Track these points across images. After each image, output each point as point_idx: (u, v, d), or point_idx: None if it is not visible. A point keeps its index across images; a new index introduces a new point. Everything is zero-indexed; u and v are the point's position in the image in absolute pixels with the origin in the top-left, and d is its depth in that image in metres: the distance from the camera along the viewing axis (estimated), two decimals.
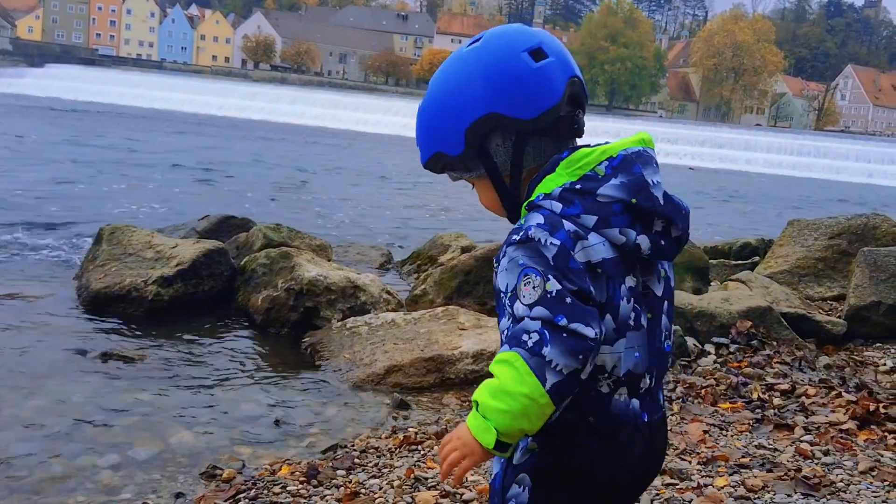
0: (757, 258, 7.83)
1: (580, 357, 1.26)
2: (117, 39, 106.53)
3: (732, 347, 5.04)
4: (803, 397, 4.20)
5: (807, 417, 3.92)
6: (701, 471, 3.21)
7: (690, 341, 5.00)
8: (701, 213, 18.18)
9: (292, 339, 5.40)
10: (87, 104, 42.84)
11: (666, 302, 1.47)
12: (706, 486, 3.04)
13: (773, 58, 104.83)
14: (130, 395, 4.14)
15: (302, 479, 3.14)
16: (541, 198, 1.39)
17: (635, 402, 1.41)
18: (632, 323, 1.39)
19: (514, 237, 1.35)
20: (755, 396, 4.21)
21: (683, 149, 47.18)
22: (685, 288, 6.20)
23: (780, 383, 4.42)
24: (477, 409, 1.32)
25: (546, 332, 1.27)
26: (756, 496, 2.96)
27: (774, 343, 5.09)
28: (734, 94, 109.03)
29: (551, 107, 1.41)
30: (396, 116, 48.99)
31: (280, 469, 3.29)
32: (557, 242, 1.31)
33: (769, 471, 3.21)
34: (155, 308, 5.52)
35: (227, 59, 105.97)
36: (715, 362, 4.79)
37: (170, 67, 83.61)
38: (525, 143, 1.45)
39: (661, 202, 1.38)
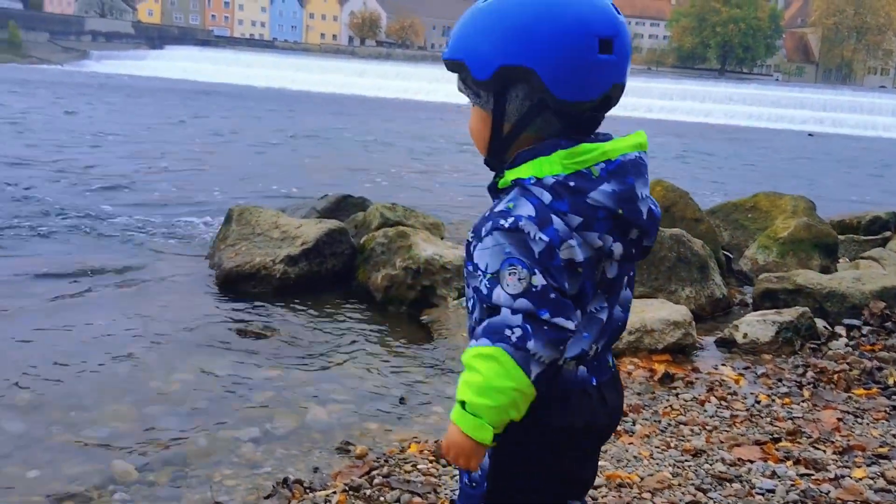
0: (889, 233, 7.46)
1: (560, 348, 1.37)
2: (231, 20, 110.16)
3: (865, 330, 4.85)
4: None
5: None
6: (837, 461, 3.12)
7: (820, 323, 4.84)
8: (823, 183, 17.32)
9: (411, 317, 5.54)
10: (205, 84, 44.57)
11: (625, 276, 1.53)
12: (843, 476, 2.96)
13: None
14: (265, 370, 4.35)
15: (431, 457, 3.24)
16: (532, 181, 1.40)
17: (583, 370, 1.51)
18: (594, 312, 1.47)
19: (502, 222, 1.37)
20: (891, 382, 4.05)
21: (802, 114, 45.12)
22: (812, 266, 5.98)
23: None
24: (464, 408, 1.37)
25: (529, 326, 1.34)
26: None
27: None
28: (856, 54, 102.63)
29: (582, 100, 1.40)
30: None
31: (409, 447, 3.39)
32: (546, 239, 1.35)
33: None
34: (283, 286, 5.75)
35: (334, 37, 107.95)
36: (847, 345, 4.62)
37: (281, 46, 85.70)
38: (541, 112, 1.43)
39: (644, 217, 1.43)
